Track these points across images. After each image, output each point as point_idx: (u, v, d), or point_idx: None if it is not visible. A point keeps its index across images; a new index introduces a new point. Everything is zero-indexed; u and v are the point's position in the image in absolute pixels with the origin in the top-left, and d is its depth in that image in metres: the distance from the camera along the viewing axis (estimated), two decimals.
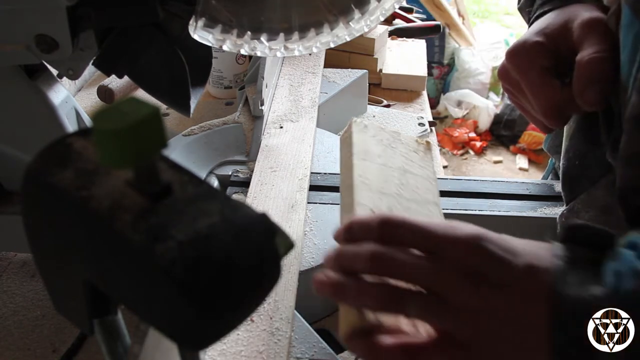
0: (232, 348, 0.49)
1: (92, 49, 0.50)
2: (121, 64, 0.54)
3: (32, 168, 0.28)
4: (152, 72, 0.56)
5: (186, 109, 0.60)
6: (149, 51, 0.54)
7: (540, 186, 0.68)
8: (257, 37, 0.56)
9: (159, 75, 0.57)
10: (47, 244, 0.31)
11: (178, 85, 0.57)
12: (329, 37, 0.57)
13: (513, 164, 2.82)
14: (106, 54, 0.51)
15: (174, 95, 0.58)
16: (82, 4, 0.45)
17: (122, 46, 0.52)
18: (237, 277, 0.26)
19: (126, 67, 0.55)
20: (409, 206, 0.48)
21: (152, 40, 0.54)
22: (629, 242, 0.38)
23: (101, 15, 0.47)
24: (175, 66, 0.56)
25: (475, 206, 0.64)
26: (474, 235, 0.39)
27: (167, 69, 0.57)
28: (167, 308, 0.26)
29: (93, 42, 0.49)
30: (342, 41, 0.58)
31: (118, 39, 0.52)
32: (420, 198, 0.49)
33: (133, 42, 0.53)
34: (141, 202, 0.26)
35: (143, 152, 0.24)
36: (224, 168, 0.77)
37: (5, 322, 0.59)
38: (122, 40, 0.52)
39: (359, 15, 0.56)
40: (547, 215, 0.63)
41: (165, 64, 0.56)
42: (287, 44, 0.57)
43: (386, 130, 0.55)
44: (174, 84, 0.57)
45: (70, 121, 0.61)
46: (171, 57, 0.56)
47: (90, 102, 1.01)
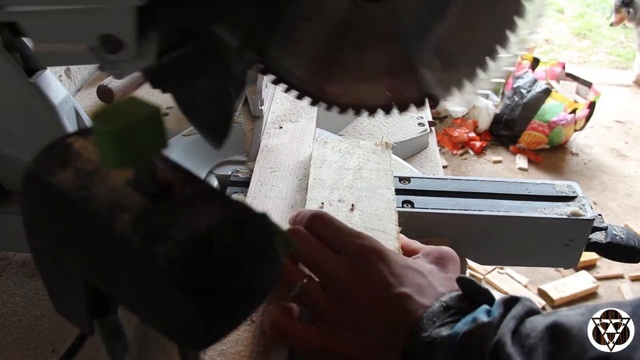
0: (232, 348, 0.49)
1: (151, 53, 0.48)
2: (172, 81, 0.51)
3: (32, 168, 0.28)
4: (198, 100, 0.54)
5: (218, 144, 0.59)
6: (203, 79, 0.52)
7: (540, 186, 0.68)
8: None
9: (204, 106, 0.54)
10: (47, 244, 0.30)
11: (220, 122, 0.55)
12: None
13: (513, 164, 2.82)
14: (161, 66, 0.49)
15: (212, 129, 0.56)
16: (152, 3, 0.43)
17: (179, 64, 0.50)
18: (237, 277, 0.26)
19: (174, 86, 0.53)
20: (360, 194, 0.61)
21: (210, 70, 0.52)
22: (497, 301, 0.44)
23: (170, 15, 0.45)
24: (224, 103, 0.54)
25: (475, 206, 0.64)
26: (373, 247, 0.47)
27: (214, 103, 0.54)
28: (167, 308, 0.26)
29: (154, 45, 0.48)
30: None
31: (178, 56, 0.49)
32: (373, 186, 0.63)
33: (192, 64, 0.51)
34: (141, 202, 0.26)
35: (143, 152, 0.24)
36: (224, 168, 0.77)
37: (5, 322, 0.59)
38: (181, 58, 0.50)
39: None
40: (547, 215, 0.63)
41: (214, 98, 0.54)
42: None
43: (346, 141, 0.71)
44: (217, 119, 0.55)
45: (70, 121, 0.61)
46: (222, 93, 0.54)
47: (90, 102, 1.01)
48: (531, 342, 0.39)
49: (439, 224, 0.64)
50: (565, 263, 0.68)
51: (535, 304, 0.44)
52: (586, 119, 2.91)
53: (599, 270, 2.16)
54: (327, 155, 0.67)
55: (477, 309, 0.43)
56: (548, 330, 0.40)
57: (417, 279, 0.46)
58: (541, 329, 0.40)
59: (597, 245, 0.64)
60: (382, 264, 0.47)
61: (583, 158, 2.91)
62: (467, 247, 0.65)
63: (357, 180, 0.64)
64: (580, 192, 0.67)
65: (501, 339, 0.40)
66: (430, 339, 0.42)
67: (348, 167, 0.65)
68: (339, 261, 0.48)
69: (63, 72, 1.00)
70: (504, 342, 0.39)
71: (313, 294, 0.48)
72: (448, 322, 0.43)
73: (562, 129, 2.80)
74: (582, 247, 0.64)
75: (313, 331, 0.47)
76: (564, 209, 0.64)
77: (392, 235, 0.56)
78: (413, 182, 0.68)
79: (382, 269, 0.46)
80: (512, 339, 0.40)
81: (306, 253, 0.49)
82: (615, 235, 0.64)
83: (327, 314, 0.46)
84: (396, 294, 0.45)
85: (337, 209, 0.59)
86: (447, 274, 0.49)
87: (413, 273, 0.47)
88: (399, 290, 0.45)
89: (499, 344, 0.39)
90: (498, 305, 0.43)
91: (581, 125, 2.91)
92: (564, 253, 0.65)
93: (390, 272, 0.46)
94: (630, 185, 2.71)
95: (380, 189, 0.62)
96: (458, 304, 0.44)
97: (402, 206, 0.64)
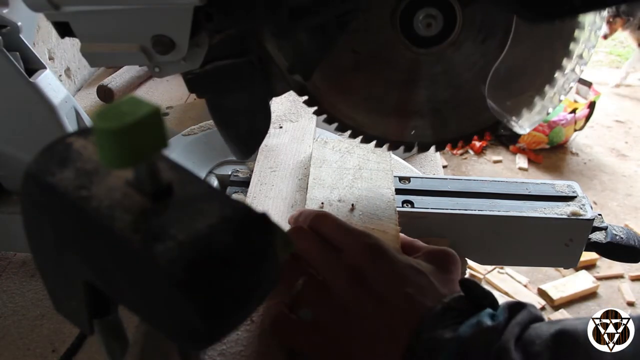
0: (232, 348, 0.49)
1: (199, 58, 0.47)
2: (210, 88, 0.51)
3: (32, 168, 0.28)
4: (233, 112, 0.54)
5: (244, 157, 0.59)
6: (241, 92, 0.52)
7: (540, 186, 0.68)
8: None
9: (238, 120, 0.54)
10: (47, 244, 0.30)
11: (251, 137, 0.56)
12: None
13: (513, 164, 2.82)
14: (203, 73, 0.49)
15: (242, 143, 0.56)
16: (209, 4, 0.42)
17: (222, 74, 0.49)
18: (236, 277, 0.26)
19: (211, 94, 0.52)
20: (360, 193, 0.62)
21: (252, 85, 0.51)
22: (501, 306, 0.44)
23: (226, 16, 0.44)
24: (258, 119, 0.54)
25: (475, 206, 0.64)
26: (377, 246, 0.47)
27: (248, 118, 0.54)
28: (167, 308, 0.26)
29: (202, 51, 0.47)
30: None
31: (223, 65, 0.49)
32: (373, 186, 0.63)
33: (235, 76, 0.50)
34: (141, 202, 0.26)
35: (143, 151, 0.24)
36: (224, 168, 0.77)
37: (5, 321, 0.59)
38: (226, 68, 0.49)
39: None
40: (547, 215, 0.63)
41: (249, 112, 0.54)
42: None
43: (346, 141, 0.70)
44: (249, 134, 0.55)
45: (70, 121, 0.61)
46: (258, 109, 0.54)
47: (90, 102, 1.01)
48: (535, 350, 0.39)
49: (439, 224, 0.64)
50: (565, 263, 0.68)
51: (539, 311, 0.44)
52: (586, 118, 2.90)
53: (599, 270, 2.16)
54: (327, 155, 0.67)
55: (481, 312, 0.43)
56: (554, 338, 0.40)
57: (419, 280, 0.46)
58: (546, 337, 0.40)
59: (597, 245, 0.64)
60: (386, 263, 0.46)
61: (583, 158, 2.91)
62: (467, 247, 0.65)
63: (357, 180, 0.64)
64: (580, 192, 0.67)
65: (505, 345, 0.39)
66: (432, 341, 0.41)
67: (348, 167, 0.65)
68: (343, 260, 0.47)
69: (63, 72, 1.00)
70: (508, 348, 0.39)
71: (313, 293, 0.48)
72: (450, 324, 0.42)
73: (562, 129, 2.80)
74: (582, 247, 0.64)
75: (313, 331, 0.47)
76: (564, 208, 0.64)
77: (392, 235, 0.55)
78: (413, 182, 0.68)
79: (386, 268, 0.46)
80: (516, 345, 0.40)
81: (309, 251, 0.49)
82: (615, 235, 0.64)
83: (328, 313, 0.46)
84: (399, 294, 0.45)
85: (337, 209, 0.59)
86: (449, 275, 0.49)
87: (416, 273, 0.47)
88: (402, 290, 0.45)
89: (503, 350, 0.39)
90: (503, 310, 0.43)
91: (581, 125, 2.91)
92: (564, 253, 0.65)
93: (393, 272, 0.46)
94: (630, 185, 2.71)
95: (380, 189, 0.63)
96: (460, 306, 0.44)
97: (402, 206, 0.64)
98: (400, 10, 0.49)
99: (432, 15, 0.48)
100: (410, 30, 0.50)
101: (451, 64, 0.53)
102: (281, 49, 0.50)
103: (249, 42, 0.49)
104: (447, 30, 0.49)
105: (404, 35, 0.50)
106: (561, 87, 0.52)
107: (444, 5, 0.48)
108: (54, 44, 0.96)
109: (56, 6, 0.42)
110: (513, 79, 0.52)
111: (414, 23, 0.49)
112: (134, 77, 1.05)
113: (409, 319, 0.43)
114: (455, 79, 0.55)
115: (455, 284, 0.47)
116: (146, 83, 1.05)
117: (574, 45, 0.50)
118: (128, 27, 0.44)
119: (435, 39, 0.50)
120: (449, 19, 0.49)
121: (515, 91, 0.53)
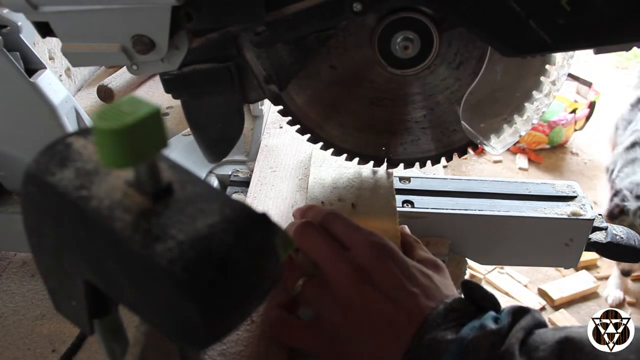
0: (232, 348, 0.49)
1: (177, 60, 0.48)
2: (186, 91, 0.52)
3: (32, 168, 0.28)
4: (207, 116, 0.54)
5: (213, 161, 0.60)
6: (217, 97, 0.53)
7: (540, 186, 0.68)
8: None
9: (211, 123, 0.55)
10: (47, 244, 0.30)
11: (224, 142, 0.56)
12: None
13: (513, 164, 2.82)
14: (181, 75, 0.50)
15: (214, 146, 0.56)
16: (186, 4, 0.43)
17: (198, 77, 0.50)
18: (237, 277, 0.26)
19: (186, 97, 0.53)
20: (360, 193, 0.62)
21: (226, 90, 0.52)
22: (505, 310, 0.44)
23: (204, 16, 0.45)
24: (231, 125, 0.55)
25: (475, 206, 0.64)
26: (384, 245, 0.48)
27: (222, 123, 0.55)
28: (167, 308, 0.26)
29: (181, 53, 0.48)
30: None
31: (201, 69, 0.50)
32: (372, 185, 0.64)
33: (211, 81, 0.51)
34: (141, 202, 0.26)
35: (143, 151, 0.24)
36: (224, 168, 0.77)
37: (5, 321, 0.59)
38: (202, 72, 0.50)
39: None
40: (547, 215, 0.63)
41: (223, 117, 0.54)
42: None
43: None
44: (222, 138, 0.56)
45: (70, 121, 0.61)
46: (233, 115, 0.54)
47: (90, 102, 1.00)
48: (540, 355, 0.39)
49: (439, 224, 0.64)
50: (565, 263, 0.68)
51: (543, 316, 0.44)
52: (586, 118, 2.90)
53: (599, 270, 2.16)
54: (327, 155, 0.67)
55: (484, 315, 0.43)
56: (559, 345, 0.40)
57: (424, 280, 0.46)
58: (551, 343, 0.40)
59: (597, 245, 0.64)
60: (393, 262, 0.47)
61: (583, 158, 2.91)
62: (467, 247, 0.65)
63: (356, 179, 0.64)
64: (580, 191, 0.67)
65: (509, 349, 0.39)
66: (434, 341, 0.41)
67: (348, 167, 0.65)
68: (350, 257, 0.47)
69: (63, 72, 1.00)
70: (512, 353, 0.39)
71: (315, 292, 0.48)
72: (452, 325, 0.42)
73: (562, 129, 2.80)
74: (582, 247, 0.64)
75: (314, 330, 0.47)
76: (564, 208, 0.64)
77: (392, 235, 0.56)
78: (413, 181, 0.68)
79: (393, 268, 0.46)
80: (520, 350, 0.40)
81: (319, 246, 0.49)
82: (615, 235, 0.64)
83: (330, 312, 0.46)
84: (405, 294, 0.45)
85: (337, 209, 0.59)
86: (447, 281, 0.49)
87: (421, 274, 0.47)
88: (408, 289, 0.45)
89: (508, 354, 0.39)
90: (507, 314, 0.43)
91: (581, 125, 2.91)
92: (564, 253, 0.65)
93: (401, 271, 0.46)
94: None
95: (380, 189, 0.62)
96: (463, 308, 0.44)
97: (402, 206, 0.64)
98: (379, 32, 0.50)
99: (409, 38, 0.49)
100: (387, 52, 0.51)
101: (426, 85, 0.55)
102: (259, 58, 0.51)
103: (229, 49, 0.50)
104: (424, 53, 0.50)
105: (380, 55, 0.51)
106: (534, 111, 0.53)
107: (421, 29, 0.49)
108: (54, 44, 0.96)
109: (34, 6, 0.42)
110: (487, 103, 0.53)
111: (392, 45, 0.50)
112: (134, 77, 1.05)
113: (413, 319, 0.43)
114: (429, 100, 0.56)
115: (454, 289, 0.47)
116: (146, 83, 1.05)
117: (547, 71, 0.51)
118: (108, 26, 0.44)
119: (412, 61, 0.51)
120: (426, 42, 0.50)
121: (489, 114, 0.54)
